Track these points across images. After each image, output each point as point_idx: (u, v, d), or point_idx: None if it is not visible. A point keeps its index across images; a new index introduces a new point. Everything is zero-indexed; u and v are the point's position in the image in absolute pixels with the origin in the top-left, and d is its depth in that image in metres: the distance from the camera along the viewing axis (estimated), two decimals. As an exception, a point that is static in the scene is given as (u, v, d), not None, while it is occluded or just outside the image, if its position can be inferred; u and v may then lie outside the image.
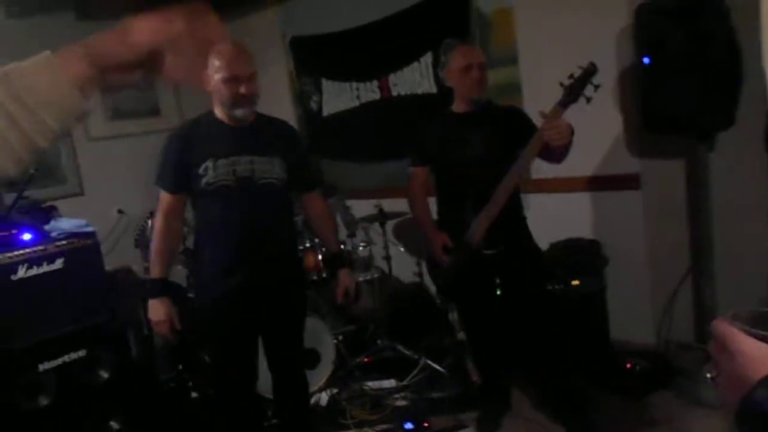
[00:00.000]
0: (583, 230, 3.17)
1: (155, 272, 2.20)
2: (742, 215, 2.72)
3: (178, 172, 2.15)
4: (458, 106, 2.53)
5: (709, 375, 0.66)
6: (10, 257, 2.60)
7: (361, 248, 3.48)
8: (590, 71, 2.19)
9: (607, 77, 2.94)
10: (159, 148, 2.28)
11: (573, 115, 3.07)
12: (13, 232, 2.66)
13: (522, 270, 2.47)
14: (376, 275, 3.53)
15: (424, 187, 2.62)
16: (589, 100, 2.19)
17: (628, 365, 2.83)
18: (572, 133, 2.24)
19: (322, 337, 3.16)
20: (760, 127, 2.58)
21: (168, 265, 2.23)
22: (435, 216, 2.66)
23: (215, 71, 2.03)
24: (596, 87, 2.19)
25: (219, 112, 2.15)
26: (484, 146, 2.42)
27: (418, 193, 2.61)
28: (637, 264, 3.08)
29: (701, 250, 2.74)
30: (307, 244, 3.32)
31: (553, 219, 3.12)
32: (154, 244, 2.21)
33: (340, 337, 3.40)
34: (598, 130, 3.02)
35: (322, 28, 4.10)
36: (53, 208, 3.27)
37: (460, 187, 2.48)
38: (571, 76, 2.21)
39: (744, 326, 0.62)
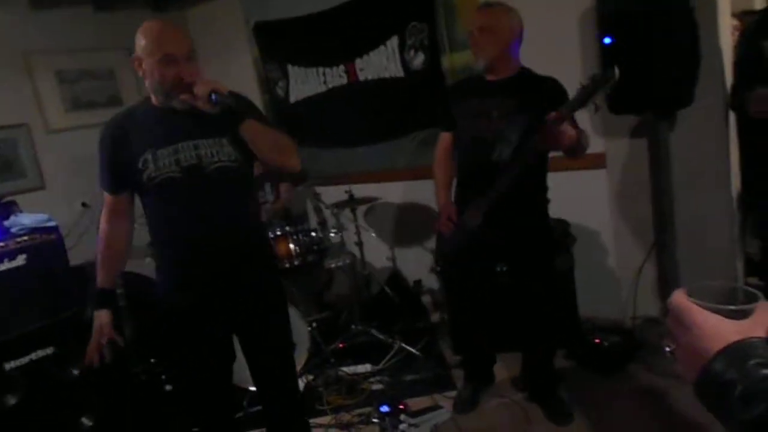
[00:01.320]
0: (551, 209, 3.21)
1: (99, 280, 1.99)
2: (703, 191, 2.80)
3: (115, 169, 1.91)
4: (488, 73, 2.36)
5: (667, 348, 0.67)
6: (-31, 255, 2.52)
7: (332, 235, 3.47)
8: (609, 79, 1.98)
9: (571, 57, 2.98)
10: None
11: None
12: (-28, 228, 2.58)
13: (525, 249, 2.42)
14: (348, 261, 3.53)
15: (448, 151, 2.54)
16: (597, 108, 2.04)
17: (597, 341, 2.91)
18: (579, 138, 2.14)
19: (296, 325, 3.14)
20: (718, 104, 2.66)
21: (114, 272, 2.02)
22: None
23: (147, 53, 1.77)
24: (609, 95, 2.09)
25: (155, 98, 1.87)
26: (503, 121, 2.26)
27: (441, 156, 2.56)
28: (604, 242, 3.15)
29: (664, 226, 2.81)
30: (278, 232, 3.30)
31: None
32: (98, 250, 1.99)
33: (314, 324, 3.40)
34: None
35: (286, 13, 4.04)
36: (13, 203, 3.18)
37: (475, 158, 2.36)
38: (591, 78, 2.01)
39: (699, 300, 0.64)
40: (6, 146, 3.80)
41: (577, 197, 3.18)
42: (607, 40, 2.49)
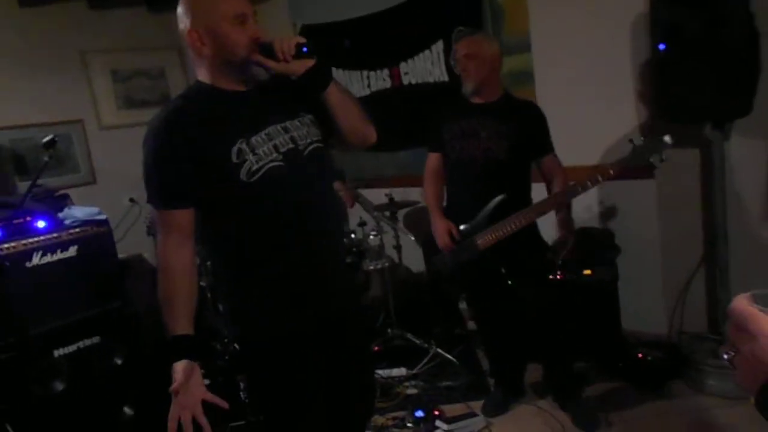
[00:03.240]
0: (596, 220, 3.15)
1: (177, 326, 1.45)
2: (756, 204, 2.69)
3: (185, 175, 1.45)
4: (470, 95, 2.51)
5: (725, 356, 0.64)
6: (24, 244, 2.63)
7: (371, 237, 3.47)
8: (662, 143, 2.16)
9: (622, 65, 2.92)
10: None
11: (587, 101, 3.06)
12: (28, 219, 2.69)
13: (526, 260, 2.47)
14: (386, 264, 3.53)
15: (438, 172, 2.63)
16: (662, 160, 2.20)
17: (640, 355, 2.82)
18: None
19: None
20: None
21: (192, 312, 1.49)
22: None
23: (210, 19, 1.43)
24: (662, 160, 2.20)
25: (218, 77, 1.50)
26: (492, 141, 2.42)
27: (430, 177, 2.64)
28: (650, 254, 3.05)
29: (715, 239, 2.71)
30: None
31: (565, 208, 3.10)
32: (167, 287, 1.47)
33: (351, 326, 3.40)
34: (611, 119, 2.99)
35: (332, 17, 4.08)
36: (66, 196, 3.30)
37: (466, 178, 2.50)
38: (643, 136, 2.25)
39: (764, 307, 0.61)
40: (61, 142, 3.95)
41: (625, 208, 3.11)
42: (661, 47, 2.43)
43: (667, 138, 2.14)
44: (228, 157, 1.44)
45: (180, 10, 1.48)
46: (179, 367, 1.42)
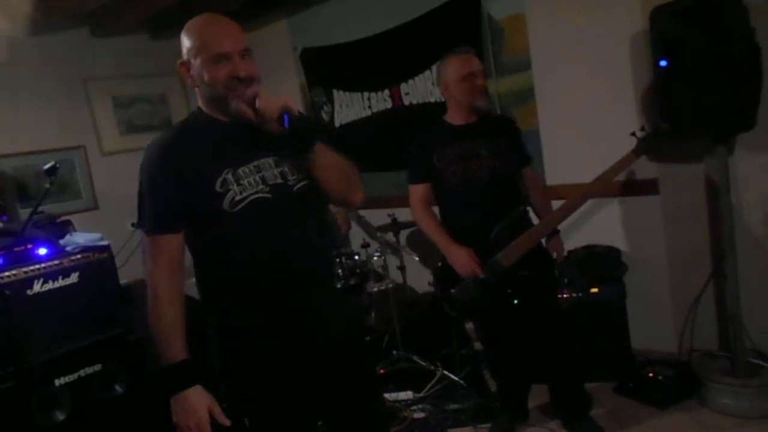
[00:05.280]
0: (601, 237, 3.12)
1: (174, 352, 1.46)
2: (764, 218, 2.66)
3: (176, 200, 1.47)
4: (455, 118, 2.47)
5: None
6: (25, 272, 2.61)
7: (375, 258, 3.44)
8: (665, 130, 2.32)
9: (624, 81, 2.92)
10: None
11: (589, 118, 3.05)
12: (29, 246, 2.67)
13: (534, 279, 2.42)
14: (390, 285, 3.50)
15: (429, 201, 2.55)
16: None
17: (651, 374, 2.77)
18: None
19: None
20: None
21: (184, 335, 1.50)
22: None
23: (195, 53, 1.47)
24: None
25: (211, 109, 1.54)
26: (493, 158, 2.40)
27: (423, 208, 2.53)
28: (658, 271, 3.01)
29: (723, 255, 2.68)
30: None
31: (570, 225, 3.07)
32: (160, 312, 1.47)
33: (356, 349, 3.36)
34: (614, 135, 2.97)
35: (332, 39, 4.11)
36: (68, 222, 3.28)
37: (471, 201, 2.43)
38: (642, 129, 2.43)
39: None
40: (63, 168, 3.96)
41: (630, 224, 3.08)
42: (663, 63, 2.42)
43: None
44: (213, 186, 1.46)
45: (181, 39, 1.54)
46: (192, 395, 1.44)
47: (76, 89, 4.11)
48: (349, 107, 4.17)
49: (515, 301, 2.42)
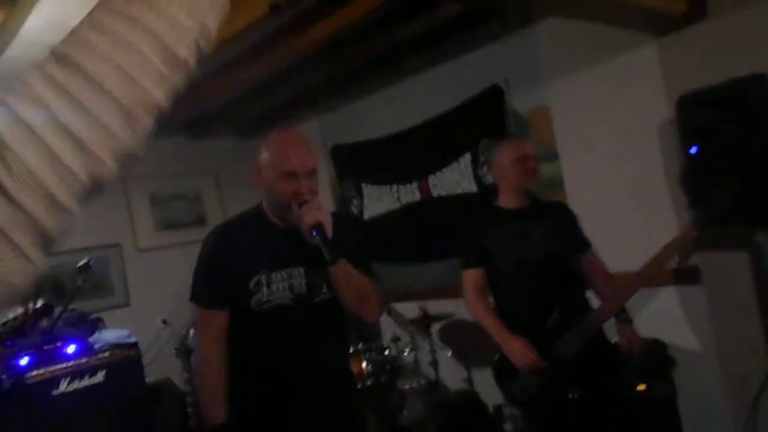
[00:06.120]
0: (643, 329, 2.96)
1: (215, 415, 1.68)
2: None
3: (222, 283, 1.72)
4: (507, 201, 2.48)
5: None
6: (52, 371, 2.59)
7: (406, 353, 3.33)
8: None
9: (654, 170, 2.89)
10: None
11: (620, 207, 3.01)
12: (58, 345, 2.67)
13: (598, 372, 2.30)
14: (423, 382, 3.35)
15: (483, 288, 2.49)
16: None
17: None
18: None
19: (367, 452, 2.95)
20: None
21: (226, 403, 1.72)
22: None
23: (268, 165, 1.68)
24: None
25: (270, 210, 1.76)
26: (548, 241, 2.35)
27: (478, 296, 2.48)
28: (709, 366, 2.82)
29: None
30: (350, 350, 3.20)
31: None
32: (205, 378, 1.73)
33: (387, 452, 3.17)
34: (647, 225, 2.91)
35: (361, 136, 4.24)
36: (99, 320, 3.29)
37: (526, 286, 2.36)
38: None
39: None
40: (98, 265, 4.03)
41: (671, 316, 2.93)
42: (693, 150, 2.40)
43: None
44: (247, 284, 1.68)
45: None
46: None
47: (116, 189, 4.28)
48: (379, 200, 4.21)
49: (574, 395, 2.27)
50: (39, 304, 2.50)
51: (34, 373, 2.52)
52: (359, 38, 3.18)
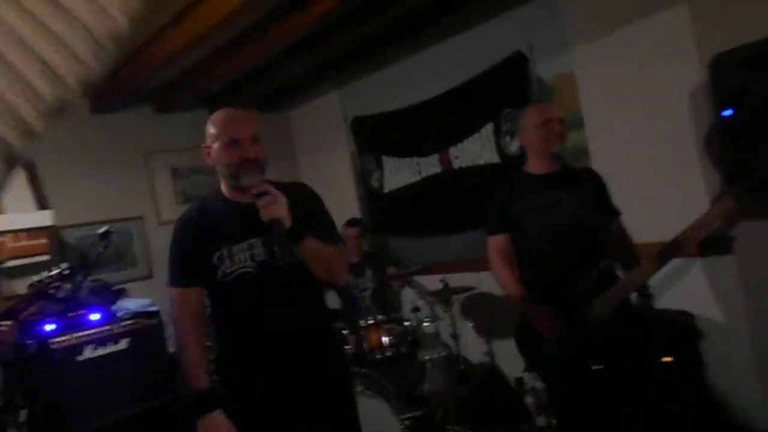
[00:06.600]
0: (670, 301, 2.89)
1: (199, 381, 1.81)
2: None
3: (191, 265, 1.87)
4: (535, 167, 2.42)
5: None
6: (77, 338, 2.63)
7: (426, 324, 3.31)
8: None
9: (683, 136, 2.79)
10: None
11: (648, 176, 2.91)
12: (82, 312, 2.70)
13: (623, 343, 2.24)
14: (443, 353, 3.33)
15: (508, 254, 2.44)
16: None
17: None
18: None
19: (386, 421, 2.95)
20: None
21: (205, 369, 1.88)
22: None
23: (214, 139, 1.83)
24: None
25: (226, 189, 1.90)
26: (576, 208, 2.29)
27: (501, 260, 2.43)
28: (738, 338, 2.74)
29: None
30: (370, 321, 3.19)
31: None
32: (186, 349, 1.85)
33: (407, 422, 3.17)
34: (677, 193, 2.82)
35: (381, 108, 4.18)
36: (123, 290, 3.33)
37: (552, 252, 2.31)
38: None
39: None
40: (121, 238, 4.08)
41: (701, 286, 2.85)
42: (727, 112, 2.30)
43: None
44: (211, 259, 1.82)
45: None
46: (214, 418, 1.75)
47: (139, 163, 4.31)
48: (399, 173, 4.17)
49: (598, 366, 2.22)
50: (63, 267, 2.53)
51: (59, 339, 2.56)
52: (377, 6, 3.12)
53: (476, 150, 3.63)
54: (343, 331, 3.31)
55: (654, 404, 2.48)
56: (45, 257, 3.46)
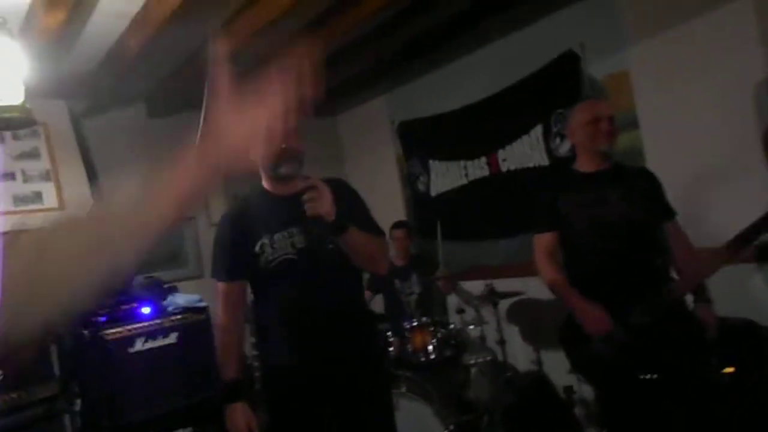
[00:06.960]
0: (731, 308, 2.74)
1: (228, 372, 1.92)
2: None
3: (235, 257, 1.95)
4: (585, 165, 2.34)
5: None
6: (129, 330, 2.70)
7: (471, 328, 3.25)
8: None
9: (748, 135, 2.65)
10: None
11: (708, 181, 2.78)
12: (134, 305, 2.78)
13: (678, 350, 2.13)
14: (488, 358, 3.25)
15: (554, 252, 2.37)
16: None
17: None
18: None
19: (428, 424, 2.90)
20: None
21: (239, 363, 1.99)
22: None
23: None
24: None
25: (267, 183, 1.98)
26: (626, 205, 2.20)
27: (548, 258, 2.36)
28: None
29: None
30: (415, 323, 3.16)
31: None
32: (222, 341, 1.99)
33: (452, 427, 3.11)
34: (738, 197, 2.68)
35: (428, 111, 4.16)
36: (174, 288, 3.41)
37: (600, 250, 2.23)
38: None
39: None
40: (174, 238, 4.19)
41: (758, 295, 2.69)
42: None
43: None
44: (253, 248, 1.90)
45: None
46: (237, 408, 1.87)
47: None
48: (446, 176, 4.13)
49: (652, 376, 2.12)
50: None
51: (112, 330, 2.64)
52: (425, 8, 3.10)
53: (525, 152, 3.57)
54: (387, 334, 3.29)
55: (713, 419, 2.35)
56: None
